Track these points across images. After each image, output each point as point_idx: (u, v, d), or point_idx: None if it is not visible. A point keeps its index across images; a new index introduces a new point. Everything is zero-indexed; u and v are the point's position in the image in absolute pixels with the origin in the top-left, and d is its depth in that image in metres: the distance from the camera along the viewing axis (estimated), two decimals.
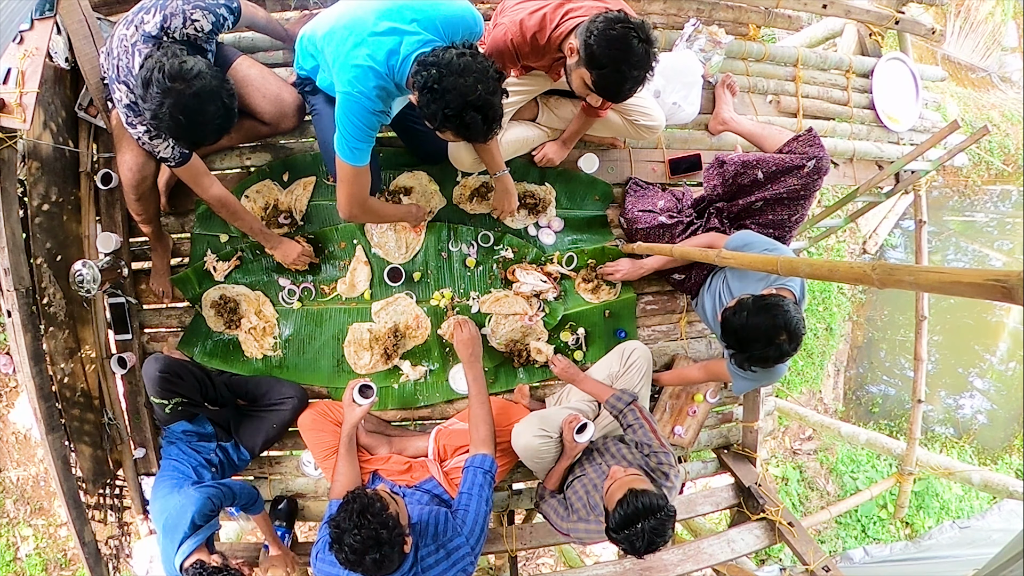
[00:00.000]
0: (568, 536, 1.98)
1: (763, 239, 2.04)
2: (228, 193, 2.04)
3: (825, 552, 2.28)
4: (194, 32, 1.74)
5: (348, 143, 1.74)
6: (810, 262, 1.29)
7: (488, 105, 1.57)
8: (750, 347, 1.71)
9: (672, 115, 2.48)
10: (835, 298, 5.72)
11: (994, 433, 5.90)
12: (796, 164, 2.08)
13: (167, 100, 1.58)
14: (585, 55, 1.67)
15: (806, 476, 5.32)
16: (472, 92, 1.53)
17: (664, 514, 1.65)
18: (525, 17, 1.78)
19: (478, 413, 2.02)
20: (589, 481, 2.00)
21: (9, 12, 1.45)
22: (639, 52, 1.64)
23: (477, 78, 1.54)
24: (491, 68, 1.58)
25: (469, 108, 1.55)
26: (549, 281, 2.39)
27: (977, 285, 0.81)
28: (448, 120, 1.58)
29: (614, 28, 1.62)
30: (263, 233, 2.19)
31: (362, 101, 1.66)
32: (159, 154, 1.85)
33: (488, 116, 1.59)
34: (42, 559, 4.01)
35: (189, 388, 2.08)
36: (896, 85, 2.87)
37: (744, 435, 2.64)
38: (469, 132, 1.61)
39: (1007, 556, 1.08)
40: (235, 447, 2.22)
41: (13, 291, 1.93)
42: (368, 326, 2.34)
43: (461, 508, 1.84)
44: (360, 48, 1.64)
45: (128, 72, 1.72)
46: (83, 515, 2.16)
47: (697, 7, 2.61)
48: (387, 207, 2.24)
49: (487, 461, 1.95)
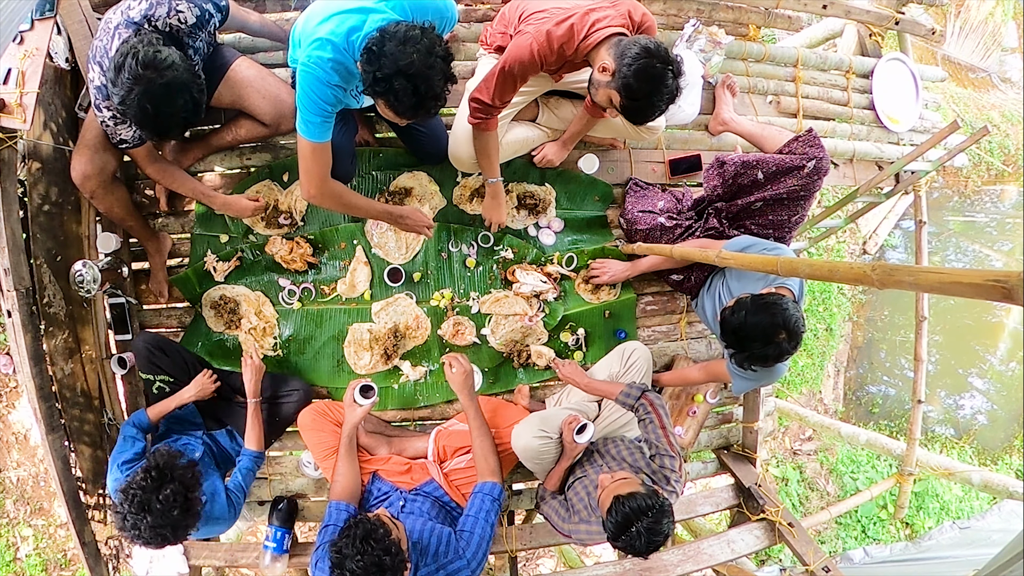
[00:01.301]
0: (569, 537, 1.98)
1: (762, 241, 2.04)
2: (168, 164, 2.09)
3: (825, 552, 2.28)
4: (177, 23, 1.74)
5: (304, 116, 1.74)
6: (810, 262, 1.29)
7: (421, 76, 1.55)
8: (749, 346, 1.71)
9: (672, 116, 2.48)
10: (835, 298, 5.72)
11: (994, 433, 5.90)
12: (796, 165, 2.08)
13: (136, 87, 1.58)
14: (621, 83, 1.72)
15: (806, 477, 5.32)
16: (406, 59, 1.52)
17: (656, 512, 1.63)
18: (552, 28, 1.79)
19: (482, 445, 2.01)
20: (590, 482, 2.00)
21: (9, 12, 1.45)
22: (671, 88, 1.72)
23: (417, 50, 1.53)
24: (439, 47, 1.58)
25: (400, 75, 1.53)
26: (549, 282, 2.39)
27: (977, 286, 0.81)
28: (378, 83, 1.56)
29: (654, 66, 1.67)
30: (207, 196, 2.16)
31: (316, 72, 1.66)
32: (119, 137, 1.87)
33: (419, 89, 1.56)
34: (42, 559, 4.01)
35: (174, 367, 2.12)
36: (896, 85, 2.87)
37: (744, 435, 2.64)
38: (398, 101, 1.58)
39: (1007, 556, 1.08)
40: (230, 437, 2.22)
41: (13, 291, 1.94)
42: (368, 326, 2.34)
43: (466, 531, 1.83)
44: (325, 24, 1.66)
45: (104, 53, 1.72)
46: (83, 515, 2.16)
47: (697, 7, 2.61)
48: (358, 198, 2.09)
49: (496, 489, 1.95)
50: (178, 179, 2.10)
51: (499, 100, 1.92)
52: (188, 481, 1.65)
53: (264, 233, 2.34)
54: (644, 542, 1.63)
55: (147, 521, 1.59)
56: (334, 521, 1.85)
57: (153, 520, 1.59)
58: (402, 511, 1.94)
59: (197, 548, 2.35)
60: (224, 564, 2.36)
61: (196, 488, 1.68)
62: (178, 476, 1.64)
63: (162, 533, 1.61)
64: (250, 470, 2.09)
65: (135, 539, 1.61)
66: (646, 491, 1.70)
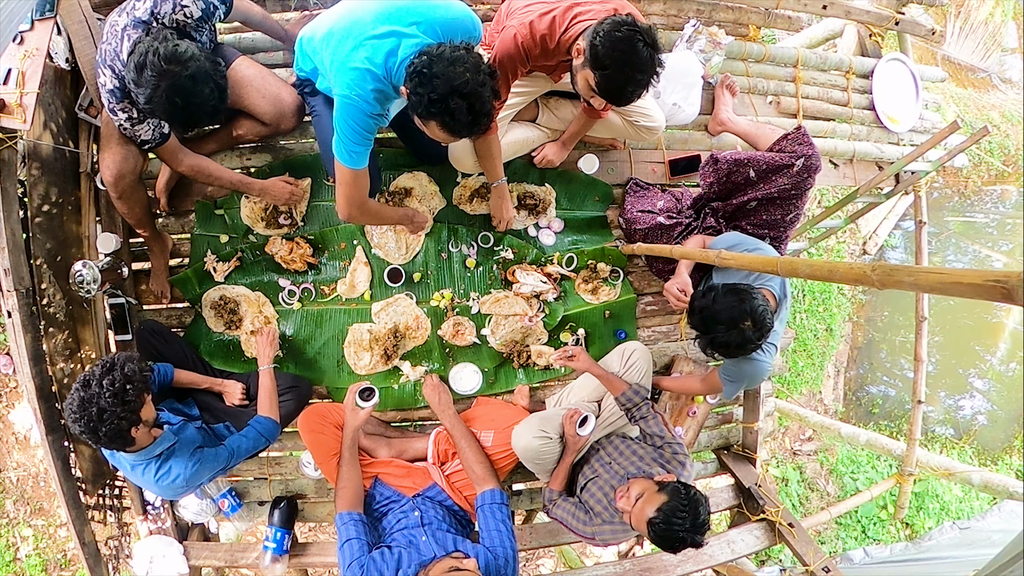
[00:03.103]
0: (593, 539, 1.96)
1: (748, 239, 2.04)
2: (201, 158, 2.07)
3: (825, 553, 2.28)
4: (183, 18, 1.75)
5: (346, 147, 1.74)
6: (810, 263, 1.29)
7: (475, 95, 1.55)
8: (714, 328, 1.71)
9: (672, 116, 2.48)
10: (835, 299, 5.71)
11: (994, 434, 5.89)
12: (785, 163, 2.08)
13: (163, 83, 1.59)
14: (590, 56, 1.68)
15: (806, 477, 5.31)
16: (460, 79, 1.52)
17: (691, 507, 1.66)
18: (535, 20, 1.79)
19: (469, 456, 2.03)
20: (604, 483, 2.00)
21: (9, 12, 1.46)
22: (643, 55, 1.64)
23: (467, 68, 1.53)
24: (483, 64, 1.58)
25: (455, 94, 1.53)
26: (549, 282, 2.39)
27: (977, 286, 0.81)
28: (433, 105, 1.55)
29: (619, 30, 1.63)
30: (244, 183, 2.17)
31: (360, 104, 1.66)
32: (139, 138, 1.86)
33: (474, 107, 1.57)
34: (42, 559, 4.01)
35: (174, 356, 2.12)
36: (896, 86, 2.87)
37: (744, 436, 2.64)
38: (454, 121, 1.58)
39: (1007, 557, 1.08)
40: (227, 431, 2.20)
41: (13, 291, 1.94)
42: (368, 327, 2.34)
43: (499, 548, 1.81)
44: (358, 51, 1.64)
45: (115, 56, 1.72)
46: (83, 515, 2.16)
47: (697, 8, 2.61)
48: (386, 209, 2.23)
49: (496, 495, 1.95)
50: (214, 171, 2.09)
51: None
52: (133, 376, 1.62)
53: (264, 233, 2.34)
54: (691, 540, 1.66)
55: (81, 396, 1.57)
56: (354, 535, 1.83)
57: (86, 395, 1.56)
58: (423, 525, 1.92)
59: (197, 548, 2.35)
60: (224, 564, 2.36)
61: (139, 384, 1.63)
62: (128, 369, 1.61)
63: (91, 414, 1.56)
64: (260, 435, 1.98)
65: (71, 420, 1.59)
66: (668, 494, 1.71)
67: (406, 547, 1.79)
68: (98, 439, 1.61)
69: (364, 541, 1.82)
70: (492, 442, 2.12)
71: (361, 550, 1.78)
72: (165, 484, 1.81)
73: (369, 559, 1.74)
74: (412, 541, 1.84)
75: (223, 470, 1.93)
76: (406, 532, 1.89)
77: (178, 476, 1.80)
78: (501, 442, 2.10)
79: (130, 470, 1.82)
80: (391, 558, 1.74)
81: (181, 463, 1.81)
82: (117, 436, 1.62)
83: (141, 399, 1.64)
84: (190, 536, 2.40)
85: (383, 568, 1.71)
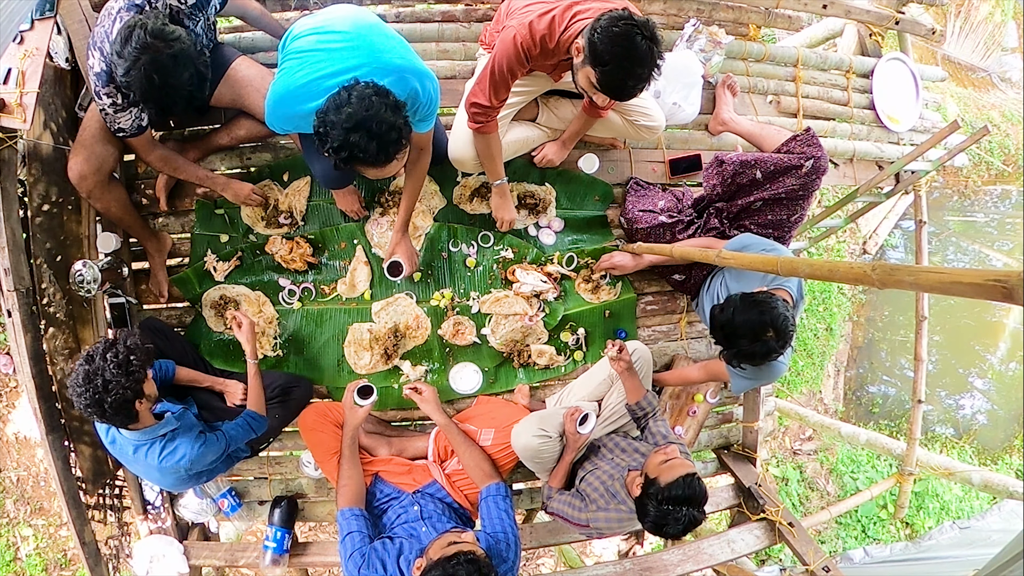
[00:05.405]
0: (586, 526, 1.97)
1: (762, 240, 2.04)
2: (168, 151, 2.09)
3: (825, 552, 2.28)
4: (178, 4, 1.75)
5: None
6: (810, 262, 1.29)
7: (366, 123, 1.50)
8: (737, 343, 1.72)
9: (672, 115, 2.48)
10: (835, 298, 5.71)
11: (994, 433, 5.89)
12: (794, 164, 2.08)
13: (143, 56, 1.58)
14: (589, 52, 1.68)
15: (806, 476, 5.31)
16: (350, 120, 1.49)
17: (703, 499, 1.70)
18: (534, 20, 1.78)
19: (467, 455, 2.04)
20: (604, 473, 2.01)
21: (9, 12, 1.46)
22: (643, 49, 1.63)
23: (353, 104, 1.50)
24: (385, 97, 1.54)
25: (352, 132, 1.50)
26: (549, 281, 2.39)
27: (977, 285, 0.81)
28: (339, 155, 1.54)
29: (617, 25, 1.62)
30: (208, 178, 2.18)
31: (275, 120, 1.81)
32: (118, 125, 1.86)
33: (372, 131, 1.51)
34: (42, 559, 4.01)
35: (173, 353, 2.12)
36: (896, 85, 2.87)
37: (744, 435, 2.64)
38: (365, 154, 1.54)
39: (1007, 556, 1.08)
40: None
41: (13, 291, 1.93)
42: (368, 326, 2.34)
43: (500, 534, 1.83)
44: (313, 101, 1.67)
45: (104, 38, 1.71)
46: (83, 515, 2.16)
47: (697, 7, 2.61)
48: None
49: (499, 488, 1.96)
50: (180, 165, 2.11)
51: (495, 99, 1.92)
52: (136, 349, 1.63)
53: (264, 233, 2.34)
54: (681, 526, 1.69)
55: (85, 369, 1.58)
56: (355, 528, 1.84)
57: (91, 368, 1.57)
58: (423, 518, 1.93)
59: (197, 548, 2.35)
60: (224, 564, 2.36)
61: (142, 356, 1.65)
62: (130, 342, 1.63)
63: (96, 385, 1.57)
64: (247, 426, 1.99)
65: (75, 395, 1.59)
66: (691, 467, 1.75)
67: (407, 538, 1.81)
68: (103, 412, 1.61)
69: (365, 534, 1.83)
70: (492, 441, 2.12)
71: (363, 541, 1.80)
72: (169, 465, 1.81)
73: (371, 549, 1.77)
74: (413, 533, 1.86)
75: (220, 460, 1.95)
76: (407, 526, 1.91)
77: (183, 456, 1.81)
78: (501, 441, 2.10)
79: (132, 454, 1.81)
80: (392, 547, 1.76)
81: (187, 443, 1.82)
82: (122, 407, 1.62)
83: (144, 371, 1.65)
84: (190, 536, 2.40)
85: (384, 557, 1.74)
